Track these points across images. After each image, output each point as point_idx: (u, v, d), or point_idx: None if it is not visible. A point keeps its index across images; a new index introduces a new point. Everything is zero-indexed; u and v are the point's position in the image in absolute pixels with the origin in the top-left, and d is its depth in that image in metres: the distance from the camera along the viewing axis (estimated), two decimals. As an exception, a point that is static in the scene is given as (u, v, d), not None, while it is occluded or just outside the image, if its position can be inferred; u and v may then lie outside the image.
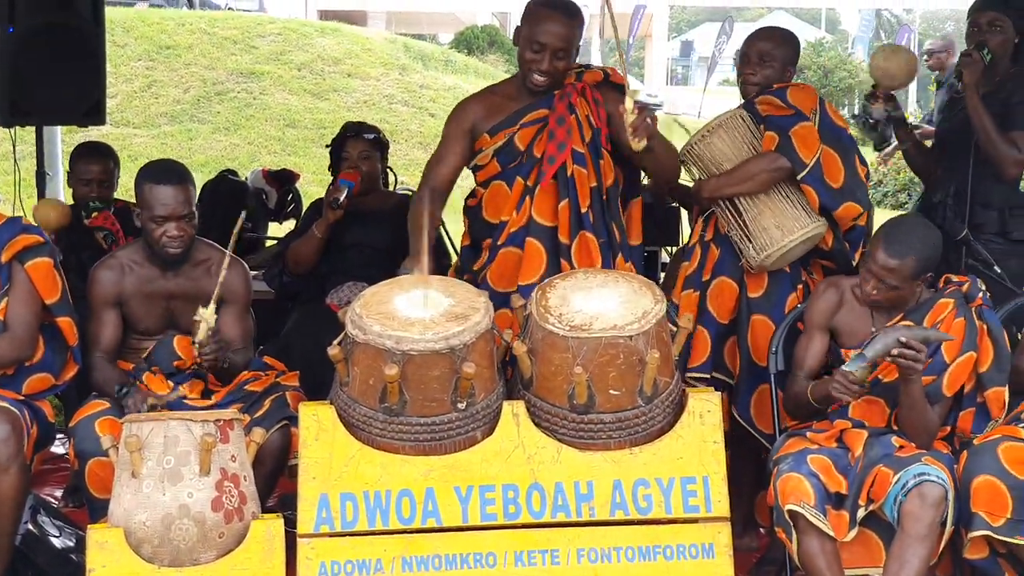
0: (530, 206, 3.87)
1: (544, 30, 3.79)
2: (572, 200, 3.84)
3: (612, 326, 3.25)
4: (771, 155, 3.96)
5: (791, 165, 3.93)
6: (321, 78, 15.16)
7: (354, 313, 3.26)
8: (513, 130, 3.89)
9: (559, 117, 3.85)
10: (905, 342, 3.31)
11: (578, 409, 3.30)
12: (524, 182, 3.88)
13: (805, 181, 3.93)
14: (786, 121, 3.98)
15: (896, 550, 3.30)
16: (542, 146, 3.86)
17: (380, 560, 3.23)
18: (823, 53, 32.72)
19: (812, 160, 3.93)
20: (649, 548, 3.31)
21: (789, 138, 3.95)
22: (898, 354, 3.32)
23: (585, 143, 3.86)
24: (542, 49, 3.80)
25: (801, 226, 3.95)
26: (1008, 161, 4.29)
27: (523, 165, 3.89)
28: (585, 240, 3.83)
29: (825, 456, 3.44)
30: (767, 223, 3.97)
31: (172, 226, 3.74)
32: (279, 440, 3.59)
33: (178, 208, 3.74)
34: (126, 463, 3.19)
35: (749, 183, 3.98)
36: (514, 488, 3.30)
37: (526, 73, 3.86)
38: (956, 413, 3.61)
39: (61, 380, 3.79)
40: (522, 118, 3.89)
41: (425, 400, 3.23)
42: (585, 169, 3.85)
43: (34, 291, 3.67)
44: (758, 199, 3.99)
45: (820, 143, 3.96)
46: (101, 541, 3.14)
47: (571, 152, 3.84)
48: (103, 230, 4.52)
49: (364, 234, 4.83)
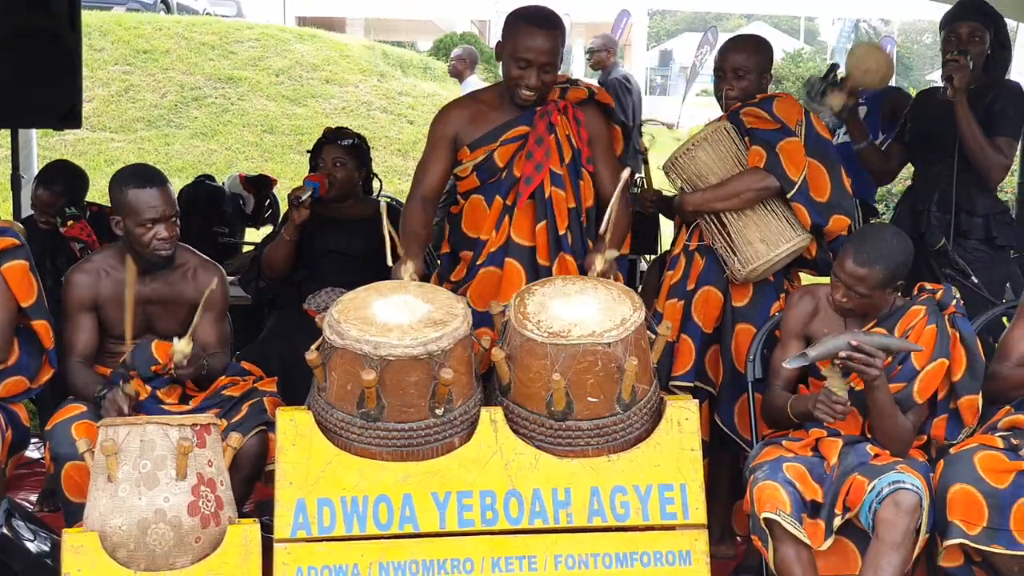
0: (508, 226, 3.86)
1: (529, 46, 3.76)
2: (550, 222, 3.83)
3: (591, 333, 3.26)
4: (759, 173, 3.96)
5: (779, 184, 3.94)
6: (299, 84, 15.12)
7: (332, 318, 3.26)
8: (493, 146, 3.87)
9: (538, 137, 3.83)
10: (856, 345, 3.32)
11: (556, 416, 3.31)
12: (503, 201, 3.87)
13: (795, 200, 3.95)
14: (772, 136, 3.99)
15: (871, 557, 3.31)
16: (521, 165, 3.84)
17: (357, 565, 3.23)
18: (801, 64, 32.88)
19: (800, 177, 3.94)
20: (627, 555, 3.31)
21: (776, 155, 3.96)
22: (847, 357, 3.32)
23: (564, 164, 3.84)
24: (528, 66, 3.78)
25: (787, 240, 3.97)
26: (996, 167, 4.34)
27: (502, 183, 3.88)
28: (564, 262, 3.82)
29: (801, 464, 3.45)
30: (752, 237, 3.98)
31: (162, 227, 3.73)
32: (256, 445, 3.57)
33: (167, 209, 3.74)
34: (102, 467, 3.17)
35: (735, 200, 3.99)
36: (491, 494, 3.31)
37: (512, 89, 3.83)
38: (930, 420, 3.62)
39: (36, 383, 3.76)
40: (502, 135, 3.87)
41: (403, 406, 3.23)
42: (563, 191, 3.83)
43: (9, 294, 3.65)
44: (743, 213, 4.00)
45: (807, 158, 3.97)
46: (76, 545, 3.13)
47: (549, 173, 3.82)
48: (79, 242, 4.49)
49: (340, 241, 4.82)
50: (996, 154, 4.34)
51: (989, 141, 4.34)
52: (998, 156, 4.34)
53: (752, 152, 4.01)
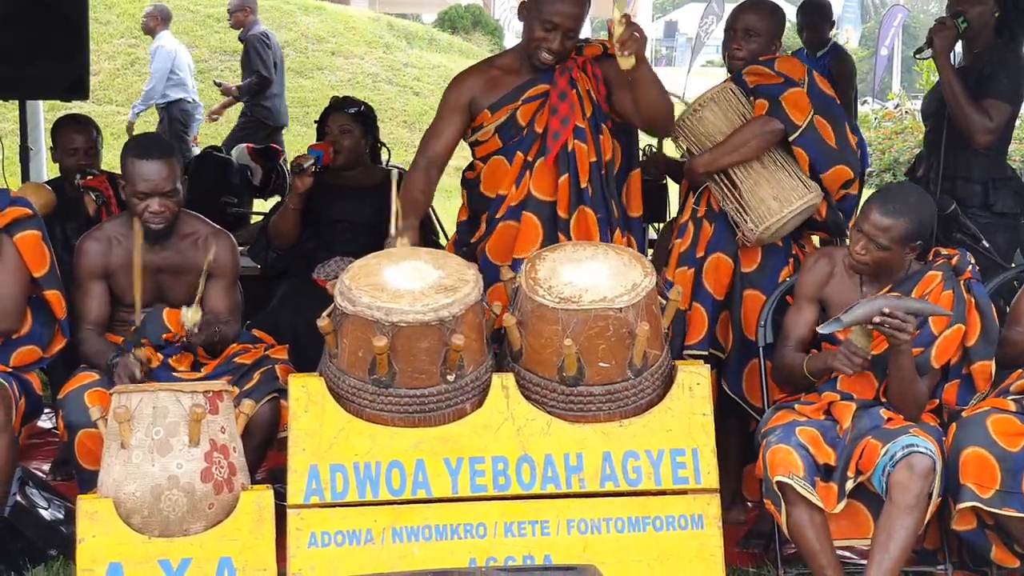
0: (529, 180, 3.85)
1: (557, 10, 3.75)
2: (572, 175, 3.83)
3: (602, 298, 3.25)
4: (762, 119, 3.95)
5: (783, 127, 3.92)
6: (305, 56, 15.09)
7: (343, 285, 3.26)
8: (515, 105, 3.86)
9: (561, 92, 3.82)
10: (889, 311, 3.32)
11: (567, 381, 3.31)
12: (524, 157, 3.86)
13: (796, 143, 3.92)
14: (776, 88, 3.97)
15: (884, 521, 3.31)
16: (543, 121, 3.84)
17: (370, 531, 3.24)
18: (807, 34, 32.69)
19: (804, 122, 3.92)
20: (639, 519, 3.32)
21: (779, 103, 3.94)
22: (880, 322, 3.32)
23: (586, 118, 3.84)
24: (554, 29, 3.76)
25: (799, 196, 3.94)
26: (978, 128, 4.31)
27: (523, 140, 3.87)
28: (584, 215, 3.83)
29: (814, 428, 3.45)
30: (764, 194, 3.95)
31: (155, 202, 3.72)
32: (268, 412, 3.58)
33: (161, 184, 3.72)
34: (115, 434, 3.18)
35: (742, 150, 3.96)
36: (503, 460, 3.31)
37: (533, 50, 3.82)
38: (942, 384, 3.62)
39: (49, 353, 3.77)
40: (524, 93, 3.86)
41: (414, 372, 3.23)
42: (585, 144, 3.83)
43: (22, 264, 3.66)
44: (753, 170, 3.98)
45: (811, 107, 3.95)
46: (91, 511, 3.14)
47: (573, 127, 3.82)
48: (95, 191, 4.50)
49: (349, 209, 4.81)
50: (980, 116, 4.30)
51: (975, 103, 4.31)
52: (981, 118, 4.31)
53: (757, 104, 3.99)
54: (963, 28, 4.38)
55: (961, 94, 4.31)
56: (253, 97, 9.13)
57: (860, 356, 3.40)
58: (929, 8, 39.75)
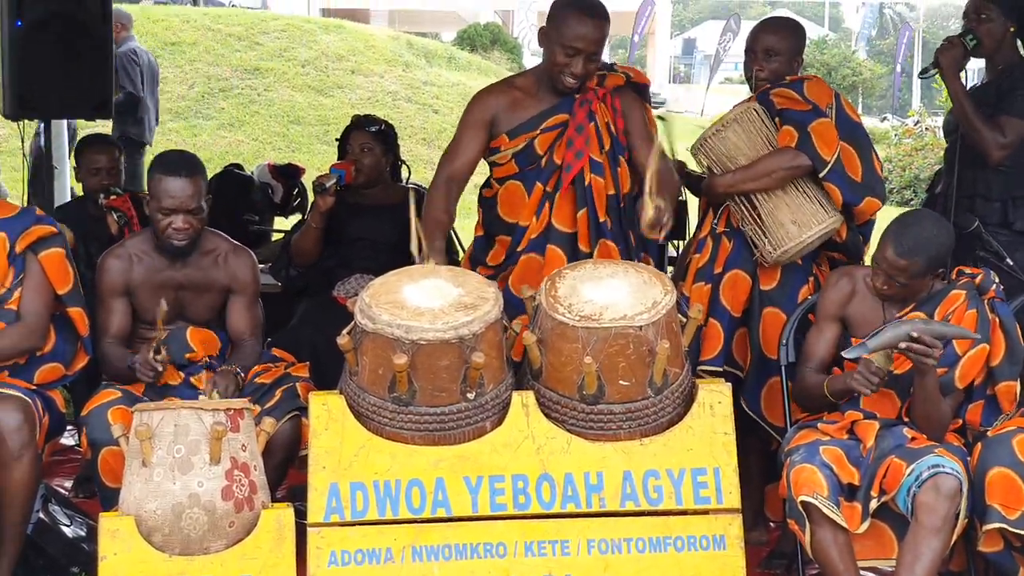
0: (549, 212, 3.86)
1: (578, 35, 3.76)
2: (590, 209, 3.83)
3: (622, 316, 3.24)
4: (790, 152, 3.94)
5: (811, 163, 3.92)
6: (325, 75, 15.17)
7: (363, 302, 3.26)
8: (534, 134, 3.87)
9: (578, 125, 3.83)
10: (917, 336, 3.30)
11: (588, 399, 3.30)
12: (544, 187, 3.87)
13: (828, 179, 3.91)
14: (804, 116, 3.96)
15: (910, 542, 3.29)
16: (562, 152, 3.85)
17: (390, 549, 3.23)
18: (826, 51, 32.73)
19: (832, 157, 3.92)
20: (660, 539, 3.30)
21: (808, 135, 3.92)
22: (906, 348, 3.31)
23: (603, 151, 3.85)
24: (576, 54, 3.78)
25: (819, 221, 3.93)
26: (991, 145, 4.29)
27: (543, 171, 3.87)
28: (606, 247, 3.83)
29: (837, 447, 3.43)
30: (784, 218, 3.95)
31: (179, 219, 3.74)
32: (289, 431, 3.58)
33: (185, 201, 3.73)
34: (136, 452, 3.19)
35: (766, 180, 3.96)
36: (524, 478, 3.30)
37: (556, 76, 3.83)
38: (966, 405, 3.59)
39: (72, 370, 3.78)
40: (543, 122, 3.87)
41: (434, 390, 3.23)
42: (603, 178, 3.84)
43: (47, 281, 3.67)
44: (774, 194, 3.97)
45: (839, 139, 3.95)
46: (113, 529, 3.15)
47: (588, 161, 3.82)
48: (118, 211, 4.53)
49: (369, 227, 4.83)
50: (992, 133, 4.29)
51: (987, 120, 4.30)
52: (994, 135, 4.29)
53: (783, 132, 3.98)
54: (972, 45, 4.37)
55: (972, 111, 4.30)
56: (123, 115, 8.92)
57: (879, 377, 3.38)
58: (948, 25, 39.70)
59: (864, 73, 32.80)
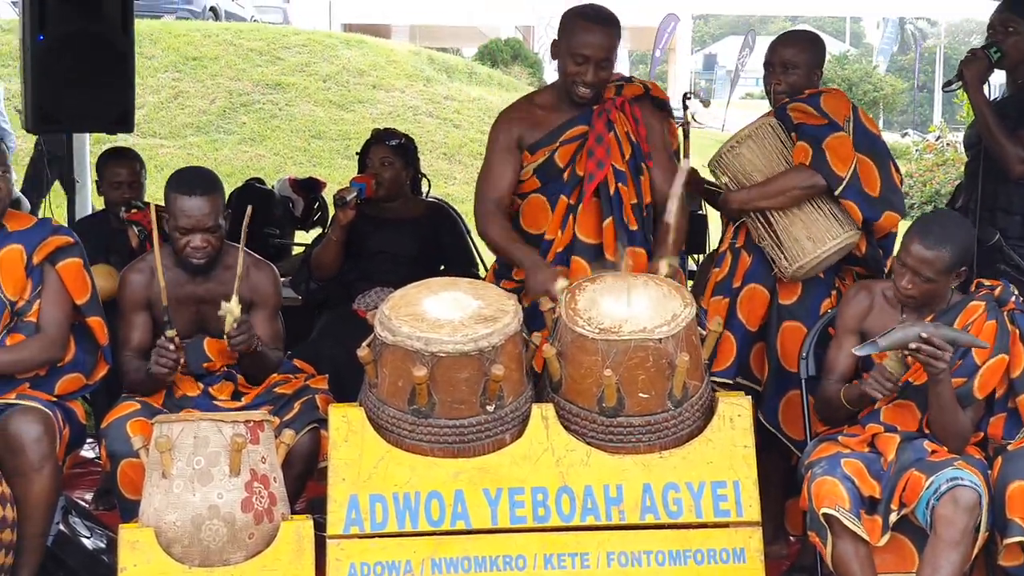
0: (573, 224, 3.86)
1: (586, 42, 3.78)
2: (616, 218, 3.83)
3: (642, 329, 3.24)
4: (805, 172, 3.93)
5: (826, 183, 3.91)
6: (346, 90, 15.21)
7: (383, 315, 3.27)
8: (553, 147, 3.88)
9: (598, 135, 3.84)
10: (926, 337, 3.29)
11: (607, 412, 3.30)
12: (568, 200, 3.87)
13: (845, 196, 3.91)
14: (819, 131, 3.96)
15: (929, 555, 3.27)
16: (583, 164, 3.85)
17: (409, 561, 3.23)
18: (847, 66, 32.67)
19: (848, 173, 3.91)
20: (680, 552, 3.30)
21: (823, 151, 3.92)
22: (916, 348, 3.29)
23: (625, 160, 3.86)
24: (585, 61, 3.79)
25: (833, 236, 3.93)
26: (1012, 159, 4.27)
27: (565, 183, 3.88)
28: (636, 255, 3.81)
29: (858, 460, 3.42)
30: (798, 234, 3.94)
31: (197, 238, 3.73)
32: (309, 442, 3.58)
33: (202, 220, 3.72)
34: (156, 463, 3.20)
35: (781, 198, 3.96)
36: (543, 491, 3.30)
37: (570, 86, 3.84)
38: (987, 418, 3.57)
39: (92, 380, 3.79)
40: (561, 135, 3.87)
41: (454, 402, 3.23)
42: (627, 187, 3.85)
43: (65, 292, 3.68)
44: (789, 211, 3.97)
45: (855, 153, 3.93)
46: (132, 540, 3.16)
47: (612, 169, 3.82)
48: (138, 224, 4.54)
49: (389, 241, 4.84)
50: (1014, 147, 4.27)
51: (1010, 134, 4.28)
52: (1016, 149, 4.26)
53: (798, 148, 3.98)
54: (996, 58, 4.36)
55: (994, 125, 4.28)
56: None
57: (891, 381, 3.37)
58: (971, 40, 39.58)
59: (885, 89, 32.72)
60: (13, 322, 3.64)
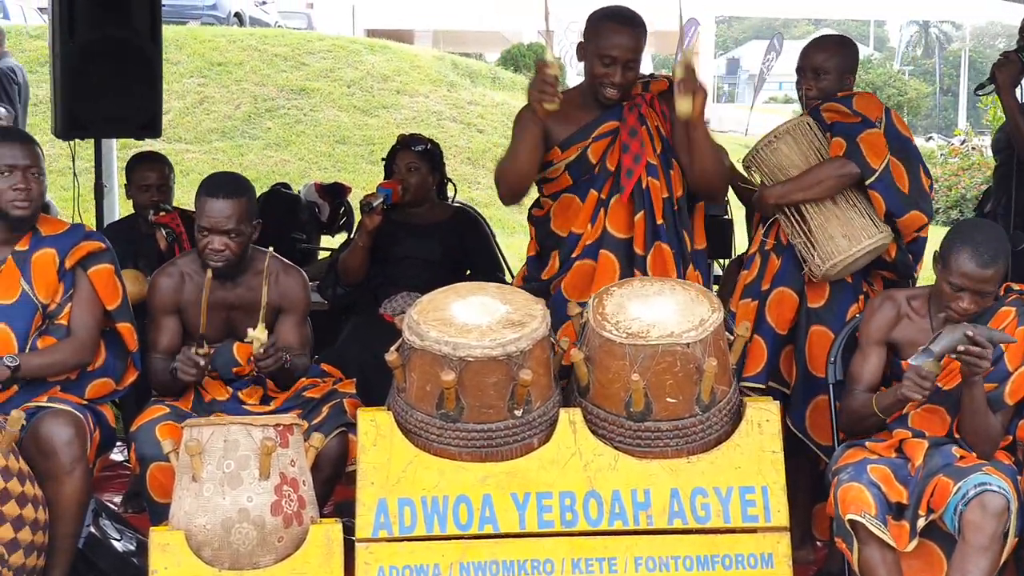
0: (604, 219, 3.86)
1: (613, 44, 3.78)
2: (648, 212, 3.83)
3: (669, 333, 3.25)
4: (839, 160, 3.93)
5: (859, 171, 3.90)
6: (371, 95, 15.25)
7: (411, 319, 3.28)
8: (586, 143, 3.87)
9: (631, 129, 3.84)
10: (972, 336, 3.27)
11: (635, 417, 3.30)
12: (598, 195, 3.87)
13: (873, 187, 3.89)
14: (854, 128, 3.95)
15: (957, 561, 3.26)
16: (615, 159, 3.85)
17: (438, 565, 3.25)
18: (871, 70, 32.59)
19: (880, 165, 3.90)
20: (708, 557, 3.30)
21: (857, 144, 3.92)
22: (964, 350, 3.27)
23: (657, 154, 3.85)
24: (613, 63, 3.79)
25: (868, 235, 3.91)
26: None
27: (596, 178, 3.87)
28: (660, 250, 3.82)
29: (885, 466, 3.41)
30: (834, 231, 3.93)
31: (216, 239, 3.73)
32: (337, 446, 3.60)
33: (222, 222, 3.72)
34: (186, 467, 3.22)
35: (816, 188, 3.94)
36: (571, 495, 3.31)
37: (597, 87, 3.84)
38: (1016, 422, 3.55)
39: (122, 385, 3.83)
40: (593, 131, 3.87)
41: (482, 407, 3.24)
42: (658, 181, 3.84)
43: (96, 297, 3.72)
44: (825, 207, 3.95)
45: (888, 150, 3.93)
46: (163, 543, 3.18)
47: (645, 164, 3.84)
48: (166, 227, 4.58)
49: (416, 246, 4.86)
50: None
51: None
52: None
53: (834, 143, 3.97)
54: None
55: None
56: None
57: (929, 381, 3.35)
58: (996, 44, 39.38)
59: (909, 92, 32.63)
60: (45, 324, 3.67)
